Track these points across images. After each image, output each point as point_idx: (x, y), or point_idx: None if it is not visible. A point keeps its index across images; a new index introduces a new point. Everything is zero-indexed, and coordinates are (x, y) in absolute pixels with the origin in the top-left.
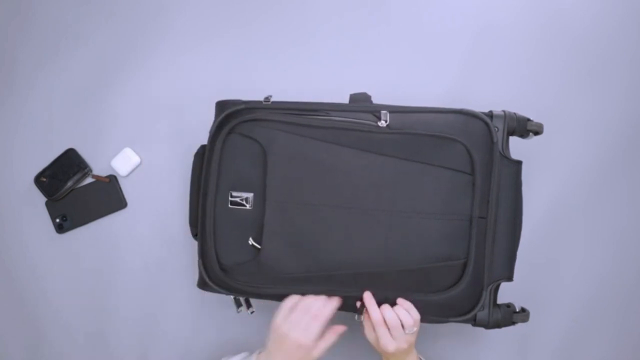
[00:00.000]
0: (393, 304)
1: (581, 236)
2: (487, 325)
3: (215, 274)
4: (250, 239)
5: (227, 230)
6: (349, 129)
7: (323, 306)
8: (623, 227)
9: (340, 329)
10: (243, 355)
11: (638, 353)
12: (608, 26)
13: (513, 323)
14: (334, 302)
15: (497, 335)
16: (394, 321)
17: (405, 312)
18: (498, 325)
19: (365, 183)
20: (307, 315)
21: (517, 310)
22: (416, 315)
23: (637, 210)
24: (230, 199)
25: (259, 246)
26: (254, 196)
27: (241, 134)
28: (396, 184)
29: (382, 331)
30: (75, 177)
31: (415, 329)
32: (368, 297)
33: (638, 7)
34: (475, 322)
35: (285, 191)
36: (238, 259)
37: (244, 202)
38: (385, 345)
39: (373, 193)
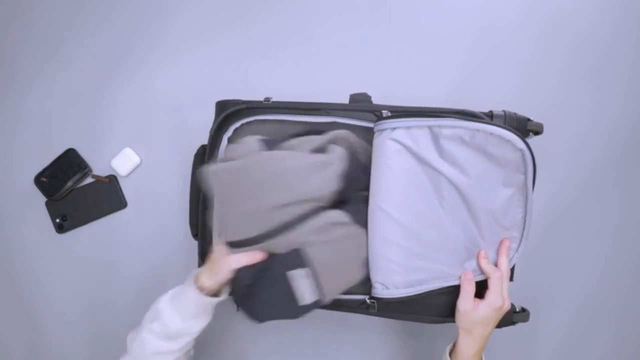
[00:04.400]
0: None
1: (581, 236)
2: None
3: None
4: None
5: None
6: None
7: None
8: (623, 227)
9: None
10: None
11: (638, 353)
12: (608, 26)
13: (513, 323)
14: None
15: (497, 335)
16: (507, 271)
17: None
18: (498, 325)
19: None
20: None
21: (517, 310)
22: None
23: (637, 210)
24: None
25: None
26: None
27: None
28: None
29: (501, 284)
30: (75, 177)
31: None
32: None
33: (638, 7)
34: None
35: None
36: None
37: None
38: (496, 303)
39: None
